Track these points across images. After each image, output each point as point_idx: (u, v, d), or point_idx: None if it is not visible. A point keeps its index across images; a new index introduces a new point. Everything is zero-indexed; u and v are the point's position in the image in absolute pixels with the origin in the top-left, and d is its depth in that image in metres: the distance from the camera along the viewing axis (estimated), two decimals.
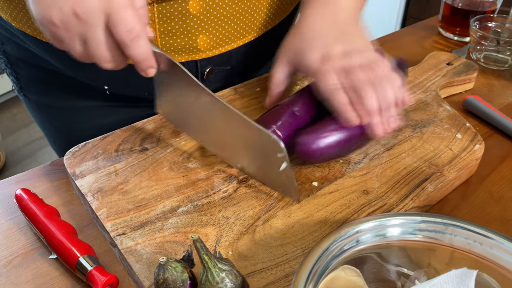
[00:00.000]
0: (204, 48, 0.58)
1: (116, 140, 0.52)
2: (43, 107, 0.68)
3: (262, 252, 0.40)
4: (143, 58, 0.41)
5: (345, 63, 0.47)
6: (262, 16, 0.61)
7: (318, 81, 0.47)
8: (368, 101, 0.45)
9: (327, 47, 0.48)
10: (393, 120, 0.47)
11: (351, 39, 0.50)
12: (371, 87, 0.45)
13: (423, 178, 0.47)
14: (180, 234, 0.41)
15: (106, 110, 0.66)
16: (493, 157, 0.55)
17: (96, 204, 0.44)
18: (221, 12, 0.56)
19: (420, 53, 0.76)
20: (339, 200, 0.45)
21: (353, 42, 0.49)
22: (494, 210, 0.48)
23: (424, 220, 0.35)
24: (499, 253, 0.34)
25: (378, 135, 0.47)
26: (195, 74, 0.63)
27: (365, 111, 0.46)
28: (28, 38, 0.58)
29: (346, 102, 0.46)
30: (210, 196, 0.45)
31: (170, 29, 0.55)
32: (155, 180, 0.47)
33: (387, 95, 0.46)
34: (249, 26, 0.60)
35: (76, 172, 0.48)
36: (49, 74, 0.62)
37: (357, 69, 0.46)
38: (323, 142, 0.46)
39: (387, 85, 0.46)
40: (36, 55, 0.61)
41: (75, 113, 0.67)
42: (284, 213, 0.44)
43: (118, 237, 0.41)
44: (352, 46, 0.48)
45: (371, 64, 0.47)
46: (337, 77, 0.46)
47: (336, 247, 0.31)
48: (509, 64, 0.72)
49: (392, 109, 0.47)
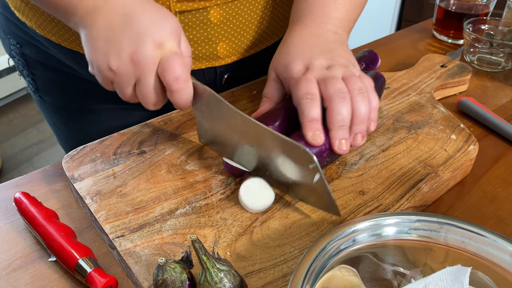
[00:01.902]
0: (223, 55, 0.60)
1: (114, 143, 0.53)
2: (57, 109, 0.69)
3: (260, 252, 0.40)
4: (184, 104, 0.45)
5: (326, 74, 0.46)
6: (280, 23, 0.63)
7: (294, 89, 0.46)
8: (339, 112, 0.44)
9: (311, 59, 0.48)
10: (360, 137, 0.46)
11: (336, 54, 0.49)
12: (346, 99, 0.44)
13: (418, 179, 0.48)
14: (179, 236, 0.42)
15: (119, 112, 0.68)
16: (487, 157, 0.55)
17: (94, 207, 0.45)
18: (240, 20, 0.58)
19: (415, 55, 0.77)
20: (336, 201, 0.45)
21: (338, 56, 0.49)
22: (489, 209, 0.48)
23: (419, 219, 0.36)
24: (493, 251, 0.34)
25: (340, 151, 0.45)
26: (214, 79, 0.65)
27: (333, 123, 0.44)
28: (52, 44, 0.61)
29: (313, 118, 0.44)
30: (208, 198, 0.46)
31: (192, 37, 0.57)
32: (153, 182, 0.47)
33: (361, 111, 0.45)
34: (267, 33, 0.62)
35: (74, 175, 0.48)
36: (67, 77, 0.64)
37: (334, 81, 0.45)
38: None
39: (362, 101, 0.45)
40: (56, 58, 0.63)
41: (89, 115, 0.68)
42: (282, 214, 0.44)
43: (117, 239, 0.41)
44: (336, 60, 0.48)
45: (351, 77, 0.46)
46: (314, 87, 0.45)
47: (333, 247, 0.32)
48: (502, 66, 0.73)
49: (362, 126, 0.45)
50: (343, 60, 0.49)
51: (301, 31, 0.53)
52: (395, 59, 0.77)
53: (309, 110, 0.44)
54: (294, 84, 0.47)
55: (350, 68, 0.48)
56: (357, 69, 0.49)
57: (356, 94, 0.45)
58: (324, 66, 0.47)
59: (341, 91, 0.44)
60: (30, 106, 2.28)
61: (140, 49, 0.42)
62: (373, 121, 0.47)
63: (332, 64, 0.47)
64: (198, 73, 0.63)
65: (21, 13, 0.60)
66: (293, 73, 0.48)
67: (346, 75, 0.46)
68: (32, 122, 2.21)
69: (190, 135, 0.54)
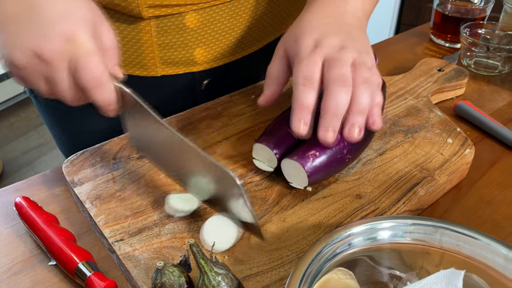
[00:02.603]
0: (200, 61, 0.59)
1: (113, 148, 0.53)
2: (52, 110, 0.69)
3: (257, 256, 0.41)
4: (106, 104, 0.41)
5: (334, 55, 0.42)
6: (261, 29, 0.62)
7: (296, 67, 0.42)
8: (335, 98, 0.39)
9: (323, 36, 0.44)
10: (356, 130, 0.41)
11: (353, 37, 0.45)
12: (347, 87, 0.40)
13: (415, 183, 0.48)
14: (177, 240, 0.42)
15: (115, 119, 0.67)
16: (484, 161, 0.56)
17: (94, 211, 0.45)
18: (218, 26, 0.57)
19: (412, 59, 0.77)
20: (332, 205, 0.46)
21: (353, 39, 0.44)
22: (485, 213, 0.49)
23: (414, 223, 0.36)
24: (486, 254, 0.35)
25: (324, 141, 0.41)
26: (192, 85, 0.64)
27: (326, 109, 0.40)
28: None
29: (304, 105, 0.40)
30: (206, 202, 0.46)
31: (168, 42, 0.56)
32: (152, 186, 0.48)
33: (361, 101, 0.40)
34: (247, 40, 0.61)
35: (74, 180, 0.49)
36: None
37: (339, 64, 0.40)
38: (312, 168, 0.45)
39: (365, 91, 0.41)
40: None
41: (84, 117, 0.68)
42: (279, 218, 0.45)
43: (116, 243, 0.42)
44: (350, 43, 0.43)
45: (361, 65, 0.41)
46: (317, 70, 0.41)
47: (329, 251, 0.32)
48: (499, 70, 0.74)
49: (359, 117, 0.41)
50: (358, 44, 0.44)
51: (318, 8, 0.48)
52: (393, 63, 0.78)
53: (301, 96, 0.40)
54: (297, 62, 0.42)
55: (363, 55, 0.43)
56: (370, 58, 0.44)
57: (360, 83, 0.40)
58: (336, 47, 0.42)
59: (344, 76, 0.40)
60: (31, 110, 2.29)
61: (45, 44, 0.37)
62: (376, 117, 0.42)
63: (345, 46, 0.43)
64: (175, 78, 0.61)
65: None
66: (301, 49, 0.43)
67: (357, 62, 0.41)
68: (33, 125, 2.22)
69: (189, 139, 0.54)
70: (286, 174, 0.47)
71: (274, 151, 0.47)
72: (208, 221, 0.43)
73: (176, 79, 0.62)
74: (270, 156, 0.48)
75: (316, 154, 0.45)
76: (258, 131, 0.56)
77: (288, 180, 0.47)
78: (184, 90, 0.64)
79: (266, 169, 0.49)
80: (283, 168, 0.47)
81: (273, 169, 0.48)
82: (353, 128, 0.41)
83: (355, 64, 0.41)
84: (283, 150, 0.48)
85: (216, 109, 0.60)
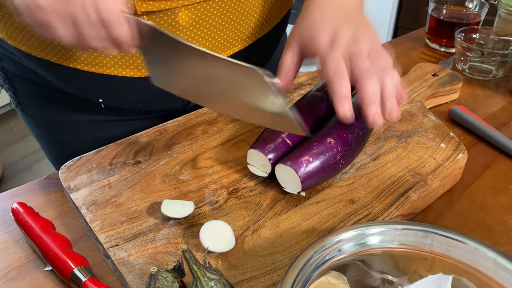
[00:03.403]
0: None
1: (110, 154, 0.54)
2: (40, 122, 0.69)
3: (251, 261, 0.41)
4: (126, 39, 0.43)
5: (353, 49, 0.47)
6: (251, 26, 0.63)
7: (325, 66, 0.47)
8: (371, 89, 0.45)
9: (337, 30, 0.48)
10: (394, 109, 0.47)
11: (359, 25, 0.50)
12: (375, 76, 0.46)
13: (408, 187, 0.49)
14: (172, 245, 0.43)
15: (101, 124, 0.67)
16: (477, 165, 0.56)
17: (90, 217, 0.46)
18: (210, 22, 0.57)
19: (408, 64, 0.78)
20: (326, 210, 0.46)
21: (361, 29, 0.49)
22: (477, 217, 0.49)
23: (404, 228, 0.37)
24: (476, 258, 0.35)
25: (378, 124, 0.47)
26: None
27: (367, 99, 0.46)
28: (23, 55, 0.60)
29: (344, 95, 0.46)
30: (201, 208, 0.47)
31: None
32: (148, 192, 0.48)
33: (389, 86, 0.46)
34: (238, 36, 0.61)
35: (71, 186, 0.49)
36: (46, 89, 0.64)
37: (361, 59, 0.46)
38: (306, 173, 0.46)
39: (389, 77, 0.47)
40: (32, 71, 0.62)
41: (71, 127, 0.68)
42: (273, 223, 0.45)
43: (111, 248, 0.42)
44: (360, 32, 0.48)
45: (376, 54, 0.47)
46: (343, 64, 0.46)
47: (319, 257, 0.33)
48: (493, 75, 0.74)
49: (392, 100, 0.47)
50: (367, 32, 0.49)
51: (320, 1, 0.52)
52: None
53: (339, 87, 0.45)
54: (323, 58, 0.47)
55: (375, 43, 0.48)
56: (378, 42, 0.49)
57: (382, 71, 0.46)
58: (350, 39, 0.47)
59: (369, 70, 0.46)
60: None
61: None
62: (400, 93, 0.48)
63: (358, 36, 0.48)
64: None
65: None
66: (320, 45, 0.48)
67: (372, 52, 0.47)
68: None
69: (185, 145, 0.55)
70: (280, 180, 0.48)
71: (268, 157, 0.48)
72: (207, 224, 0.43)
73: None
74: (264, 161, 0.48)
75: (310, 160, 0.46)
76: (253, 137, 0.56)
77: (282, 185, 0.48)
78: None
79: (260, 174, 0.49)
80: (277, 174, 0.48)
81: (268, 174, 0.49)
82: (391, 111, 0.47)
83: (371, 55, 0.47)
84: (277, 156, 0.48)
85: (212, 115, 0.61)
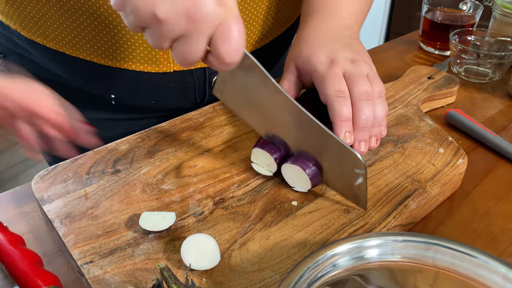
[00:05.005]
0: None
1: (87, 162, 0.50)
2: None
3: (238, 278, 0.38)
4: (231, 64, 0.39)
5: (353, 70, 0.46)
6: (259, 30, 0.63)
7: (324, 85, 0.45)
8: (366, 115, 0.44)
9: (335, 51, 0.47)
10: (374, 140, 0.46)
11: (357, 50, 0.49)
12: (371, 101, 0.45)
13: (406, 195, 0.46)
14: (152, 261, 0.39)
15: (111, 123, 0.66)
16: (477, 171, 0.54)
17: (63, 231, 0.42)
18: None
19: (401, 67, 0.75)
20: (319, 220, 0.43)
21: (359, 54, 0.49)
22: (480, 226, 0.46)
23: (405, 239, 0.34)
24: (484, 273, 0.32)
25: (359, 151, 0.45)
26: (203, 82, 0.64)
27: (359, 125, 0.44)
28: (35, 47, 0.58)
29: (345, 118, 0.44)
30: (184, 220, 0.43)
31: None
32: (127, 203, 0.45)
33: (379, 114, 0.45)
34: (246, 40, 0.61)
35: (44, 197, 0.46)
36: (54, 85, 0.62)
37: (361, 80, 0.45)
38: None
39: (380, 105, 0.45)
40: (42, 66, 0.60)
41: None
42: (262, 236, 0.42)
43: (86, 265, 0.39)
44: (358, 56, 0.48)
45: (374, 80, 0.46)
46: (344, 84, 0.45)
47: (312, 273, 0.29)
48: (490, 77, 0.72)
49: (378, 129, 0.46)
50: (363, 55, 0.49)
51: (318, 23, 0.52)
52: (381, 71, 0.76)
53: (341, 109, 0.44)
54: (321, 78, 0.46)
55: (372, 67, 0.48)
56: (374, 68, 0.49)
57: (377, 97, 0.45)
58: (349, 59, 0.47)
59: (368, 93, 0.44)
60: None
61: (201, 2, 0.35)
62: (384, 126, 0.47)
63: (357, 58, 0.47)
64: (187, 74, 0.61)
65: (4, 15, 0.58)
66: (317, 66, 0.47)
67: (370, 75, 0.46)
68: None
69: (168, 152, 0.52)
70: (288, 179, 0.47)
71: (274, 156, 0.47)
72: (189, 238, 0.39)
73: (186, 76, 0.61)
74: (269, 161, 0.47)
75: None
76: (240, 143, 0.53)
77: (290, 184, 0.47)
78: (193, 87, 0.64)
79: (265, 173, 0.48)
80: (284, 173, 0.47)
81: (272, 173, 0.48)
82: (371, 139, 0.46)
83: (369, 78, 0.46)
84: (282, 155, 0.48)
85: (197, 120, 0.57)
